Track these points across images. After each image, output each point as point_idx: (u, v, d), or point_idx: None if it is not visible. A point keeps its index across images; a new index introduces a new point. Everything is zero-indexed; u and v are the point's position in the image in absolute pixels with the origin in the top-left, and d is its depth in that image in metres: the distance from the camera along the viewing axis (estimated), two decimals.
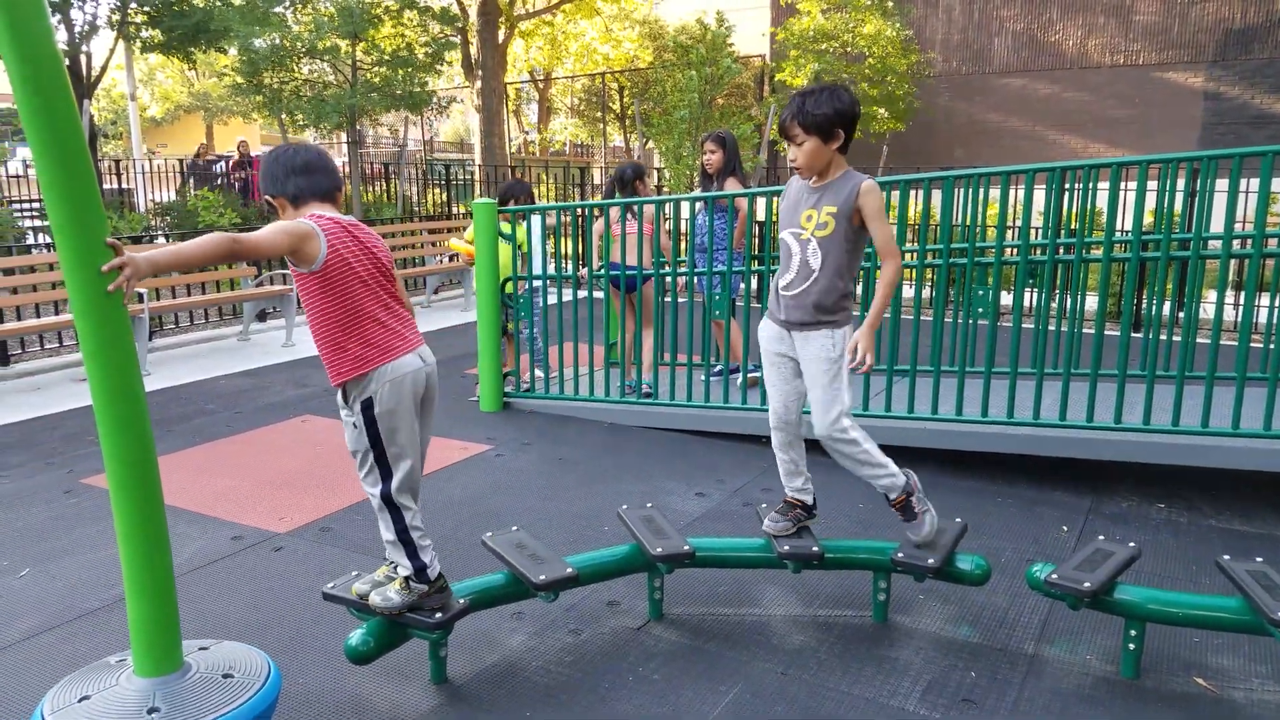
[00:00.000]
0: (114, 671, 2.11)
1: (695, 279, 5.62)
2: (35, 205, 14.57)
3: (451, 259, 10.90)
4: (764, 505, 3.33)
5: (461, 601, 2.73)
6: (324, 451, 5.08)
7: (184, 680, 2.09)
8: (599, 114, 24.92)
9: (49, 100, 1.82)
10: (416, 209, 15.15)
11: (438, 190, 16.86)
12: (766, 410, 3.19)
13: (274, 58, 13.13)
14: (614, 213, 5.57)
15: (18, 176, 16.40)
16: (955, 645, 3.05)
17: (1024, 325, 5.73)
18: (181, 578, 3.46)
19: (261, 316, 9.00)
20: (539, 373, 6.04)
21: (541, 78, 31.39)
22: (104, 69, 13.13)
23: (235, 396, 6.35)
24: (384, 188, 16.94)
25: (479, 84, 18.79)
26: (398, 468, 2.57)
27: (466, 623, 2.94)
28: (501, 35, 18.23)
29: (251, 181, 15.40)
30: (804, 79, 14.68)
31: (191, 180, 15.91)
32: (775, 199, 6.11)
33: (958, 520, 3.19)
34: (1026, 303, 8.27)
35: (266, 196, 2.67)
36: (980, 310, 4.67)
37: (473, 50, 18.28)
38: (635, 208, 5.45)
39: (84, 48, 12.43)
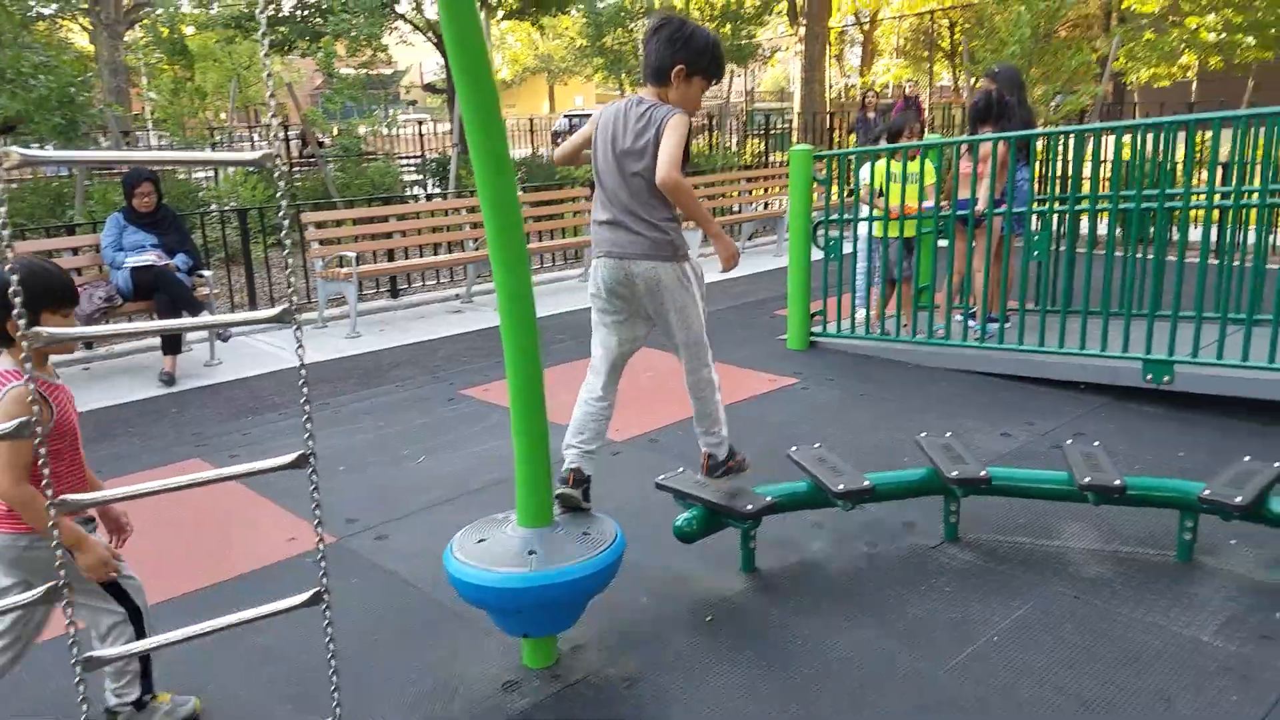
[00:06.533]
0: (501, 524, 2.75)
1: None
2: (413, 161, 16.96)
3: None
4: (1069, 441, 3.38)
5: (768, 499, 3.13)
6: (656, 375, 5.66)
7: (554, 532, 2.68)
8: (925, 53, 23.92)
9: (476, 73, 2.35)
10: (735, 159, 15.65)
11: (755, 140, 17.24)
12: (1088, 354, 3.14)
13: (616, 20, 14.09)
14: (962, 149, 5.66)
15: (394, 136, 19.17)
16: (1264, 587, 2.97)
17: None
18: None
19: None
20: (860, 314, 6.16)
21: (867, 20, 30.50)
22: None
23: (582, 328, 7.19)
24: (706, 139, 17.62)
25: (802, 30, 18.84)
26: None
27: (770, 528, 3.29)
28: None
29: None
30: (1157, 4, 13.24)
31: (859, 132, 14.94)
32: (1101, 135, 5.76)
33: (1276, 464, 3.06)
34: None
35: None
36: None
37: None
38: (970, 145, 5.49)
39: None
